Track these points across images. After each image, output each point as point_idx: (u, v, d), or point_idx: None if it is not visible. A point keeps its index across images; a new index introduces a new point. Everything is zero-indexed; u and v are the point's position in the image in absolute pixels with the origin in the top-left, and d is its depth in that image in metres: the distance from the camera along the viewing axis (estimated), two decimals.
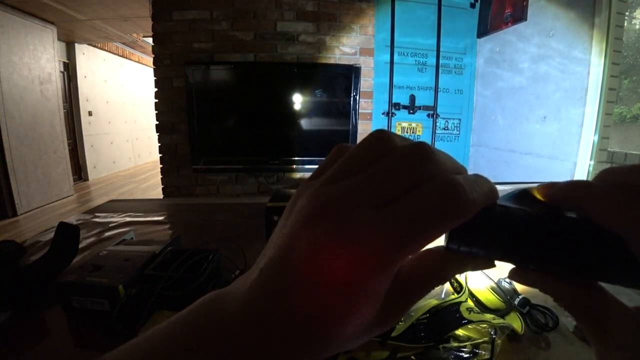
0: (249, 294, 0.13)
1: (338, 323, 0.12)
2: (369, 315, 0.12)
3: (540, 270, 0.15)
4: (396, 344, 0.39)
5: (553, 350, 0.42)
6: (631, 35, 1.80)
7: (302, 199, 0.13)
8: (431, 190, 0.12)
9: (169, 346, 0.13)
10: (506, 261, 0.14)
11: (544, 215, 0.14)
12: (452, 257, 0.14)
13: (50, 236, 0.68)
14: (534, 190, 0.15)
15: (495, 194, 0.14)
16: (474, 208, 0.12)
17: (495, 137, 2.49)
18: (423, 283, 0.14)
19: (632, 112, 1.85)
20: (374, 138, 0.14)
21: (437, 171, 0.13)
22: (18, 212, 3.10)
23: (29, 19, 3.22)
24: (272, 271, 0.12)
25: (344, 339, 0.12)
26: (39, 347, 0.44)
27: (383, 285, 0.12)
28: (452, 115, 2.61)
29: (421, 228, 0.12)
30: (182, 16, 2.21)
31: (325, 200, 0.12)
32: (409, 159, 0.13)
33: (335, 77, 2.24)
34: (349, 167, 0.13)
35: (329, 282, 0.11)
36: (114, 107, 5.35)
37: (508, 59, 2.28)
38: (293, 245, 0.12)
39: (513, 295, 0.48)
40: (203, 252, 0.55)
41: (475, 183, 0.13)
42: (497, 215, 0.13)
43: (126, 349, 0.13)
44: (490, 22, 2.37)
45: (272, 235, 0.14)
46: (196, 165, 2.24)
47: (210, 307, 0.13)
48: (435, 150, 0.13)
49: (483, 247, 0.14)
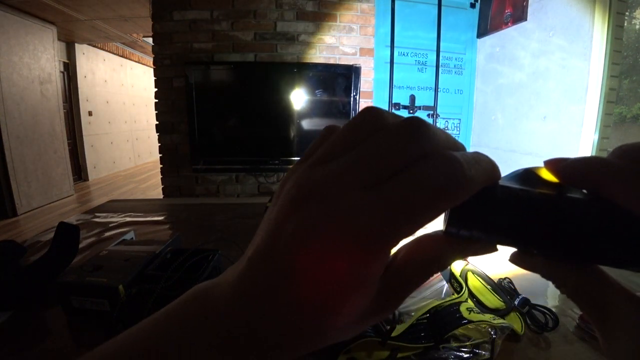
0: (237, 283, 0.12)
1: (329, 311, 0.11)
2: (362, 302, 0.12)
3: (544, 255, 0.14)
4: (396, 344, 0.39)
5: (553, 350, 0.42)
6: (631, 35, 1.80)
7: (289, 182, 0.13)
8: (426, 168, 0.11)
9: (159, 343, 0.12)
10: (509, 245, 0.13)
11: (552, 195, 0.13)
12: (452, 242, 0.13)
13: (50, 236, 0.68)
14: (539, 170, 0.14)
15: (497, 172, 0.13)
16: (473, 187, 0.11)
17: (495, 137, 2.49)
18: (421, 270, 0.13)
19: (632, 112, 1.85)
20: (363, 115, 0.13)
21: (432, 148, 0.12)
22: (18, 212, 3.10)
23: (29, 19, 3.22)
24: (259, 258, 0.12)
25: (339, 328, 0.12)
26: (39, 347, 0.44)
27: (375, 271, 0.12)
28: (452, 115, 2.61)
29: (415, 209, 0.11)
30: (182, 16, 2.21)
31: (312, 182, 0.12)
32: (401, 136, 0.12)
33: (335, 77, 2.24)
34: (337, 148, 0.13)
35: (317, 268, 0.11)
36: (114, 107, 5.35)
37: (508, 57, 2.29)
38: (279, 231, 0.11)
39: (513, 295, 0.48)
40: (203, 252, 0.55)
41: (474, 160, 0.12)
42: (499, 195, 0.13)
43: (112, 347, 0.13)
44: (490, 22, 2.37)
45: (262, 221, 0.14)
46: (196, 165, 2.23)
47: (198, 299, 0.13)
48: (430, 125, 0.12)
49: (484, 230, 0.13)
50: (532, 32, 2.07)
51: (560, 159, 0.14)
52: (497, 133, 2.47)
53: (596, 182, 0.12)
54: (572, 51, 1.86)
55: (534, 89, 2.12)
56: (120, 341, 0.13)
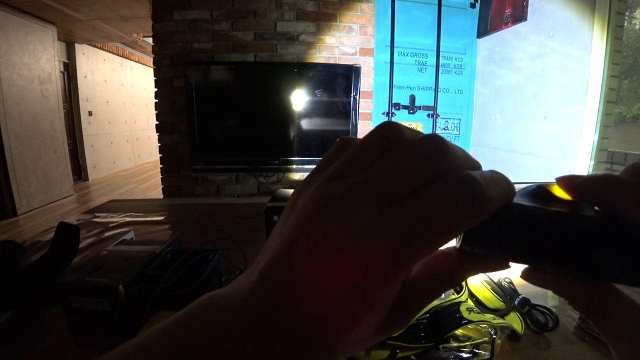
0: (248, 296, 0.12)
1: (342, 329, 0.11)
2: (375, 321, 0.12)
3: (558, 271, 0.14)
4: (396, 344, 0.39)
5: (553, 350, 0.42)
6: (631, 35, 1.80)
7: (304, 197, 0.12)
8: (446, 188, 0.11)
9: (165, 354, 0.12)
10: (522, 262, 0.14)
11: (567, 213, 0.13)
12: (465, 259, 0.13)
13: (50, 236, 0.68)
14: (551, 186, 0.14)
15: (513, 191, 0.13)
16: (492, 207, 0.11)
17: (495, 137, 2.49)
18: (433, 287, 0.13)
19: (632, 112, 1.85)
20: (382, 130, 0.13)
21: (451, 167, 0.12)
22: (18, 212, 3.10)
23: (29, 19, 3.22)
24: (272, 273, 0.12)
25: (349, 344, 0.12)
26: (39, 347, 0.44)
27: (391, 291, 0.11)
28: (452, 115, 2.61)
29: (434, 230, 0.11)
30: (182, 16, 2.21)
31: (329, 198, 0.11)
32: (420, 154, 0.12)
33: (335, 77, 2.24)
34: (354, 163, 0.12)
35: (332, 286, 0.11)
36: (114, 107, 5.35)
37: (508, 57, 2.29)
38: (294, 246, 0.11)
39: (513, 295, 0.48)
40: (203, 252, 0.55)
41: (492, 180, 0.12)
42: (515, 214, 0.13)
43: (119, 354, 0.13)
44: (490, 22, 2.37)
45: (272, 234, 0.13)
46: (196, 165, 2.24)
47: (206, 309, 0.13)
48: (449, 143, 0.12)
49: (499, 248, 0.13)
50: (532, 32, 2.07)
51: (573, 176, 0.14)
52: (497, 133, 2.47)
53: (610, 199, 0.12)
54: (572, 51, 1.86)
55: (533, 89, 2.12)
56: (123, 352, 0.13)
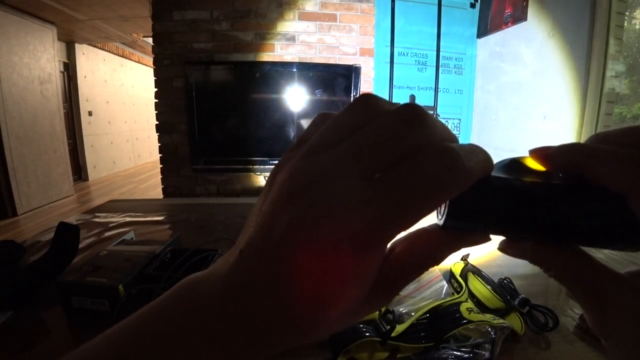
0: (229, 276, 0.12)
1: (324, 305, 0.11)
2: (357, 297, 0.12)
3: (535, 241, 0.14)
4: (396, 344, 0.39)
5: (553, 350, 0.42)
6: (631, 35, 1.80)
7: (282, 173, 0.12)
8: (425, 158, 0.11)
9: (148, 337, 0.12)
10: (502, 234, 0.14)
11: (543, 183, 0.13)
12: (448, 236, 0.13)
13: (50, 236, 0.68)
14: (525, 159, 0.15)
15: (491, 163, 0.13)
16: (472, 178, 0.11)
17: (495, 137, 2.49)
18: (417, 264, 0.13)
19: (632, 112, 1.85)
20: (358, 102, 0.13)
21: (430, 138, 0.12)
22: (18, 212, 3.10)
23: (29, 19, 3.22)
24: (252, 252, 0.11)
25: (332, 322, 0.12)
26: (39, 347, 0.44)
27: (373, 266, 0.11)
28: (452, 115, 2.61)
29: (415, 201, 0.11)
30: (182, 16, 2.21)
31: (308, 173, 0.11)
32: (398, 124, 0.11)
33: (335, 77, 2.24)
34: (332, 136, 0.12)
35: (313, 263, 0.10)
36: (114, 107, 5.35)
37: (508, 57, 2.29)
38: (273, 224, 0.11)
39: (513, 295, 0.48)
40: (203, 252, 0.55)
41: (472, 152, 0.12)
42: (495, 186, 0.13)
43: (99, 344, 0.12)
44: (490, 22, 2.37)
45: (252, 212, 0.13)
46: (196, 165, 2.24)
47: (188, 291, 0.13)
48: (426, 113, 0.12)
49: (482, 221, 0.13)
50: (532, 32, 2.07)
51: (545, 148, 0.14)
52: (497, 133, 2.47)
53: (579, 166, 0.13)
54: (572, 51, 1.86)
55: (533, 89, 2.12)
56: (106, 337, 0.12)
